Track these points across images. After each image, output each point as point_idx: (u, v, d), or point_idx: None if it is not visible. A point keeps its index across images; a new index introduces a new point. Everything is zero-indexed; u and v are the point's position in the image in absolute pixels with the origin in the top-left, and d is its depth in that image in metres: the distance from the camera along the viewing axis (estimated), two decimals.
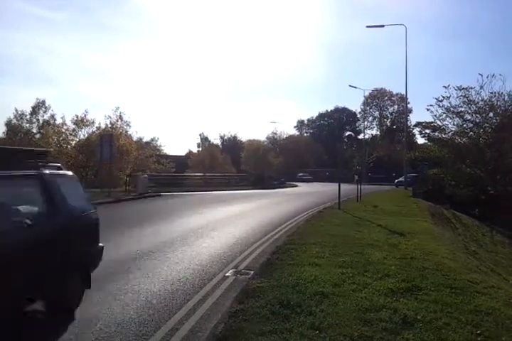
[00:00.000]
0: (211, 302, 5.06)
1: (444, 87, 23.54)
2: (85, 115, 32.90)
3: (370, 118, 76.28)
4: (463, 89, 23.20)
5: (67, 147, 31.92)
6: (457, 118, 24.02)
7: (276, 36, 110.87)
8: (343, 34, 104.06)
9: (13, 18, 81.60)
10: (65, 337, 3.92)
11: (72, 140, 32.69)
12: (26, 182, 4.35)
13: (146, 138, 60.25)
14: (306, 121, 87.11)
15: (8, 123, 55.44)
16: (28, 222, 3.76)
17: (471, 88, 23.04)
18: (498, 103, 22.93)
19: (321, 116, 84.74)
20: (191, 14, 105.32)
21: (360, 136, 74.37)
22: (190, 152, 66.69)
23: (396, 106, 74.12)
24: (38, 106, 55.93)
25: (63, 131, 32.30)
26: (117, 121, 33.95)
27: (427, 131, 26.16)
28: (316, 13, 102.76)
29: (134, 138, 37.48)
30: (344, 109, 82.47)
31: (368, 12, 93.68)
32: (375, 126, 77.07)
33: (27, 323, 4.04)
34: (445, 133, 25.08)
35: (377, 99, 74.54)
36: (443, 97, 23.71)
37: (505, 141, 22.32)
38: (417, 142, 46.17)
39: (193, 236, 9.64)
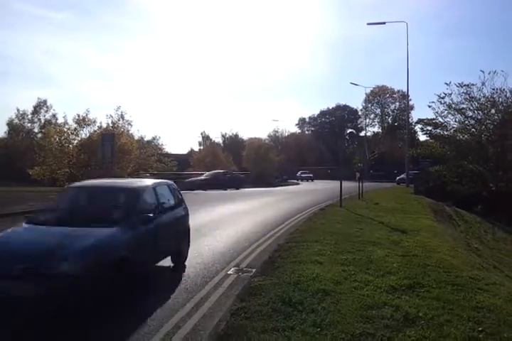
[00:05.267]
0: (213, 300, 5.08)
1: (446, 83, 23.52)
2: (87, 114, 32.89)
3: (372, 116, 76.05)
4: (464, 85, 23.15)
5: (68, 146, 31.94)
6: (459, 115, 23.97)
7: (277, 34, 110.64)
8: (344, 31, 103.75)
9: (14, 18, 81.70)
10: None
11: (74, 139, 32.71)
12: None
13: (148, 137, 60.35)
14: (307, 119, 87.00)
15: (10, 123, 55.69)
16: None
17: (473, 85, 23.00)
18: (500, 99, 22.87)
19: (322, 113, 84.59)
20: (192, 13, 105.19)
21: (362, 134, 74.21)
22: (192, 150, 66.78)
23: (398, 104, 73.92)
24: (40, 106, 56.17)
25: (65, 130, 32.29)
26: (119, 120, 33.93)
27: (429, 128, 26.12)
28: (316, 11, 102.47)
29: (136, 137, 37.44)
30: (345, 107, 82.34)
31: (368, 9, 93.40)
32: (376, 123, 76.86)
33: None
34: (447, 130, 25.04)
35: (378, 96, 74.30)
36: (445, 94, 23.68)
37: (507, 138, 22.27)
38: (418, 139, 46.10)
39: (195, 234, 9.61)
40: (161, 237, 5.93)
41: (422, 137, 36.86)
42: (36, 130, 55.55)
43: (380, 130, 76.32)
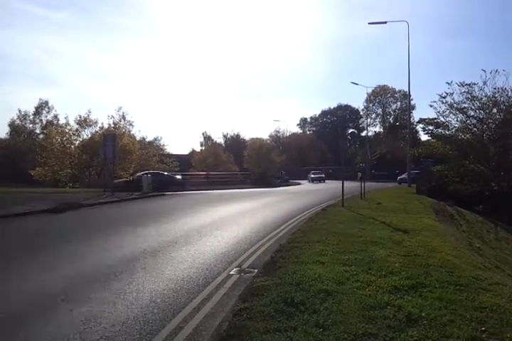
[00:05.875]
0: (215, 300, 5.07)
1: (447, 83, 23.47)
2: (88, 115, 33.05)
3: (373, 116, 75.97)
4: (466, 85, 23.09)
5: (70, 147, 32.02)
6: (460, 115, 23.91)
7: (277, 34, 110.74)
8: (345, 31, 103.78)
9: (14, 17, 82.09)
10: (70, 336, 3.94)
11: (76, 140, 32.82)
12: None
13: (149, 138, 60.54)
14: (308, 119, 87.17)
15: (12, 124, 55.80)
16: None
17: (475, 84, 22.93)
18: (502, 99, 22.80)
19: (323, 113, 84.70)
20: (193, 13, 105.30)
21: (363, 134, 74.20)
22: (194, 151, 66.89)
23: (399, 103, 73.83)
24: (41, 107, 56.34)
25: (67, 131, 32.39)
26: (120, 120, 34.13)
27: (431, 127, 26.05)
28: (317, 11, 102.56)
29: (137, 138, 37.67)
30: (347, 107, 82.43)
31: (369, 9, 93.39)
32: (378, 123, 76.81)
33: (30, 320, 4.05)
34: (448, 130, 24.99)
35: (380, 96, 74.24)
36: (446, 93, 23.63)
37: (509, 137, 22.22)
38: (420, 139, 46.08)
39: (197, 235, 9.65)
40: None
41: (424, 137, 36.89)
42: (38, 131, 55.71)
43: (381, 130, 76.33)
